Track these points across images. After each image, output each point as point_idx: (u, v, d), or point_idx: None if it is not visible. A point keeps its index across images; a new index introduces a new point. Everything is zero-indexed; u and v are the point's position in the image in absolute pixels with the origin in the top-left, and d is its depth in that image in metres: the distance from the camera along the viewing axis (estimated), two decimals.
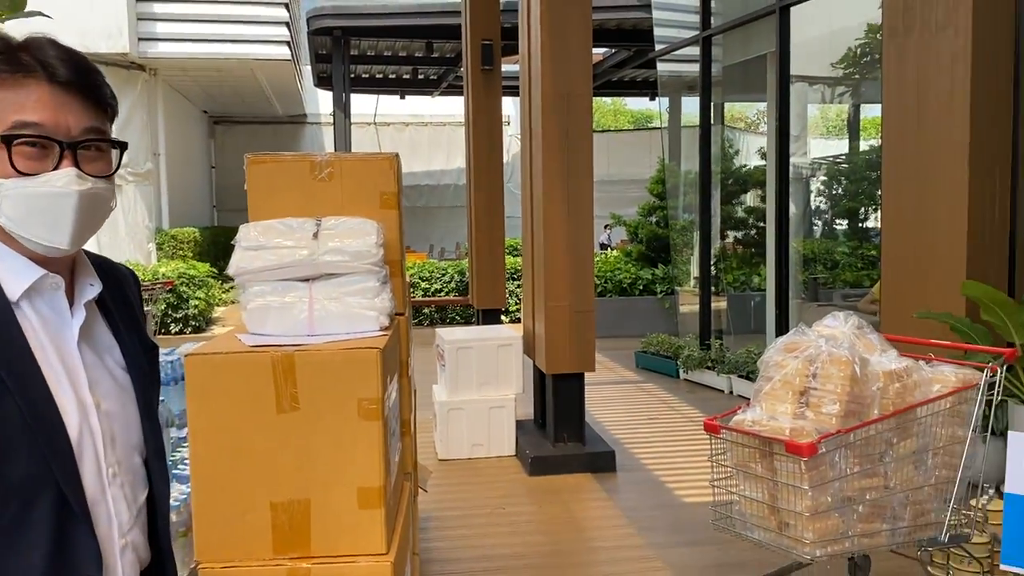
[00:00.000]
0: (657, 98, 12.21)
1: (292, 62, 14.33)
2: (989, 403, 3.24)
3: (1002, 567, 3.08)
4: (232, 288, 10.73)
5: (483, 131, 9.03)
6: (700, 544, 4.25)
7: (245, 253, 2.31)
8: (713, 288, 9.45)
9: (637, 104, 33.73)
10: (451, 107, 19.81)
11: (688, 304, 10.16)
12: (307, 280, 2.30)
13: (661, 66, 10.59)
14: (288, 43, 13.69)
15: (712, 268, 9.55)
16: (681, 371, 8.66)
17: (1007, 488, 3.04)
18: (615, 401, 7.69)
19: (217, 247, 15.28)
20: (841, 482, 3.03)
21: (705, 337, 8.90)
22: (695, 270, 9.46)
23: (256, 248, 2.31)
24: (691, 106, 9.48)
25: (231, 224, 14.20)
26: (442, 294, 12.93)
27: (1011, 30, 4.94)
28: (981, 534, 3.47)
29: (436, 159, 21.57)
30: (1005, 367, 3.26)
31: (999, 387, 3.22)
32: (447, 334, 6.17)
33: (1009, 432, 3.14)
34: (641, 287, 12.23)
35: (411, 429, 2.83)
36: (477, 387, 5.87)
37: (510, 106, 18.07)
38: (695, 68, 9.12)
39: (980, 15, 4.84)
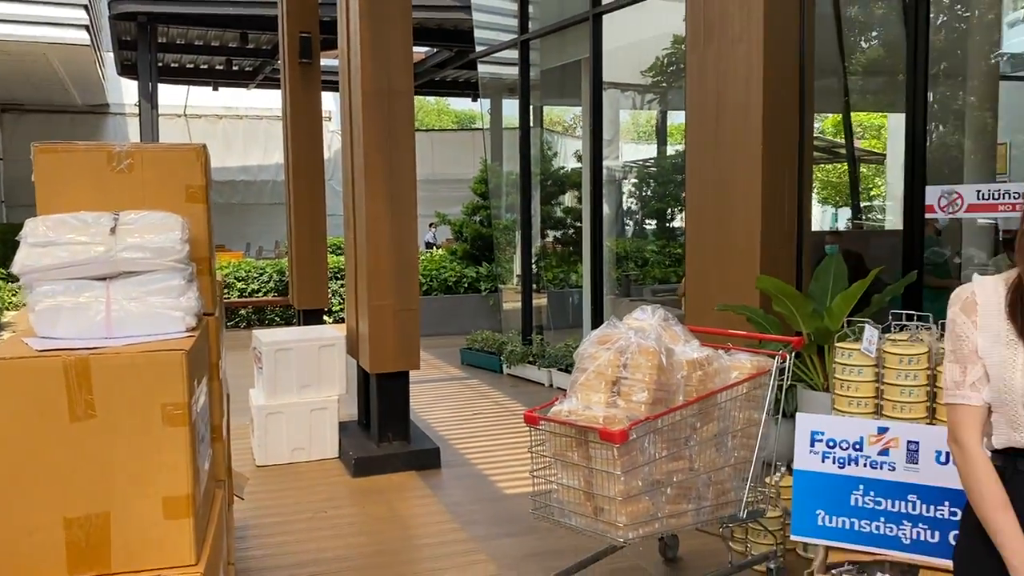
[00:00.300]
0: (479, 99, 12.36)
1: (92, 47, 13.30)
2: (781, 387, 3.54)
3: (792, 538, 3.37)
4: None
5: (302, 126, 8.79)
6: (522, 534, 4.35)
7: (32, 250, 2.13)
8: (535, 285, 9.70)
9: (461, 104, 34.00)
10: (269, 100, 19.12)
11: (511, 301, 10.37)
12: (104, 279, 2.14)
13: (482, 68, 10.74)
14: (87, 27, 12.69)
15: (533, 266, 9.80)
16: (505, 366, 8.82)
17: (795, 465, 3.33)
18: (441, 398, 7.72)
19: (7, 246, 13.93)
20: (651, 466, 3.20)
21: (527, 333, 9.12)
22: (518, 268, 9.67)
23: (45, 244, 2.13)
24: (512, 108, 9.67)
25: (23, 221, 13.02)
26: (260, 295, 12.46)
27: (797, 44, 5.39)
28: (775, 508, 3.77)
29: (253, 154, 20.75)
30: (793, 354, 3.56)
31: (788, 373, 3.51)
32: (265, 335, 5.95)
33: (797, 414, 3.44)
34: (466, 285, 12.34)
35: (223, 435, 2.71)
36: (298, 389, 5.70)
37: (332, 101, 17.69)
38: (515, 71, 9.31)
39: (771, 30, 5.25)
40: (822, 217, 21.26)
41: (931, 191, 5.13)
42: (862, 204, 15.13)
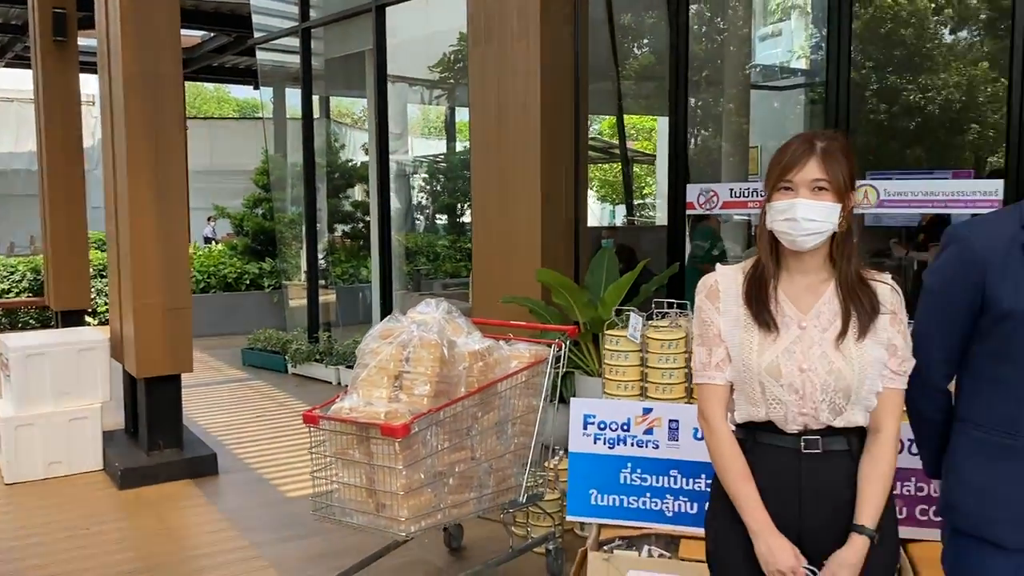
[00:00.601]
0: (260, 87, 11.85)
1: None
2: (558, 374, 3.68)
3: (568, 518, 3.52)
4: None
5: (56, 110, 8.01)
6: (305, 536, 4.23)
7: None
8: (323, 281, 9.47)
9: (243, 92, 32.48)
10: (21, 80, 17.29)
11: (297, 298, 10.06)
12: None
13: (261, 55, 10.31)
14: None
15: (322, 261, 9.56)
16: (290, 366, 8.54)
17: (570, 448, 3.47)
18: (219, 402, 7.35)
19: None
20: (433, 458, 3.21)
21: (313, 330, 8.88)
22: (304, 263, 9.39)
23: None
24: (297, 98, 9.36)
25: None
26: (11, 295, 11.26)
27: (572, 45, 5.62)
28: (554, 491, 3.91)
29: (3, 140, 18.71)
30: (569, 342, 3.72)
31: (564, 360, 3.66)
32: (14, 340, 5.37)
33: (571, 399, 3.59)
34: (248, 282, 11.83)
35: None
36: (54, 398, 5.20)
37: (96, 84, 16.29)
38: (297, 59, 9.02)
39: (548, 28, 5.44)
40: (601, 214, 22.40)
41: (692, 189, 5.54)
42: (635, 202, 16.12)
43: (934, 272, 1.91)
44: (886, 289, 1.89)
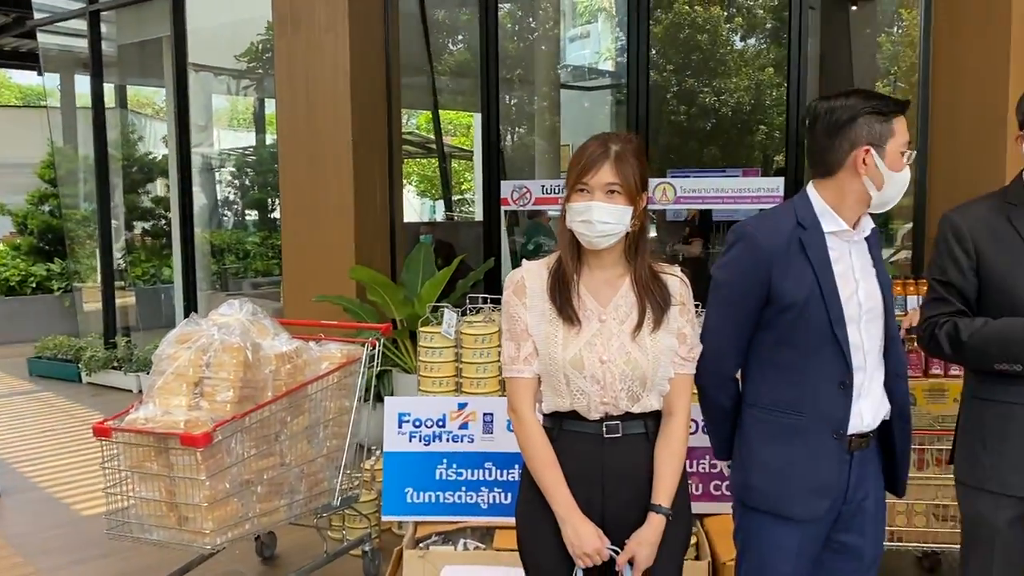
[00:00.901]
0: (44, 73, 10.86)
1: None
2: (375, 374, 3.62)
3: (384, 518, 3.48)
4: None
5: None
6: (104, 557, 3.94)
7: None
8: (120, 282, 8.82)
9: (26, 78, 29.68)
10: None
11: (92, 301, 9.33)
12: None
13: (44, 38, 9.47)
14: None
15: (119, 261, 8.91)
16: (84, 374, 7.91)
17: (385, 447, 3.43)
18: (1, 417, 6.69)
19: None
20: (239, 466, 3.07)
21: (110, 335, 8.27)
22: (99, 264, 8.71)
23: None
24: (88, 85, 8.65)
25: None
26: None
27: (383, 33, 5.55)
28: (370, 492, 3.86)
29: None
30: (384, 340, 3.67)
31: (378, 359, 3.60)
32: None
33: (385, 398, 3.55)
34: (34, 285, 10.86)
35: None
36: None
37: None
38: (85, 44, 8.34)
39: (356, 20, 5.34)
40: (422, 209, 22.35)
41: (506, 185, 5.63)
42: (455, 197, 16.22)
43: (724, 267, 2.03)
44: (676, 282, 1.99)
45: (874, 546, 2.09)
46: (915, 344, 2.62)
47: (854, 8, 9.83)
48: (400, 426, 3.36)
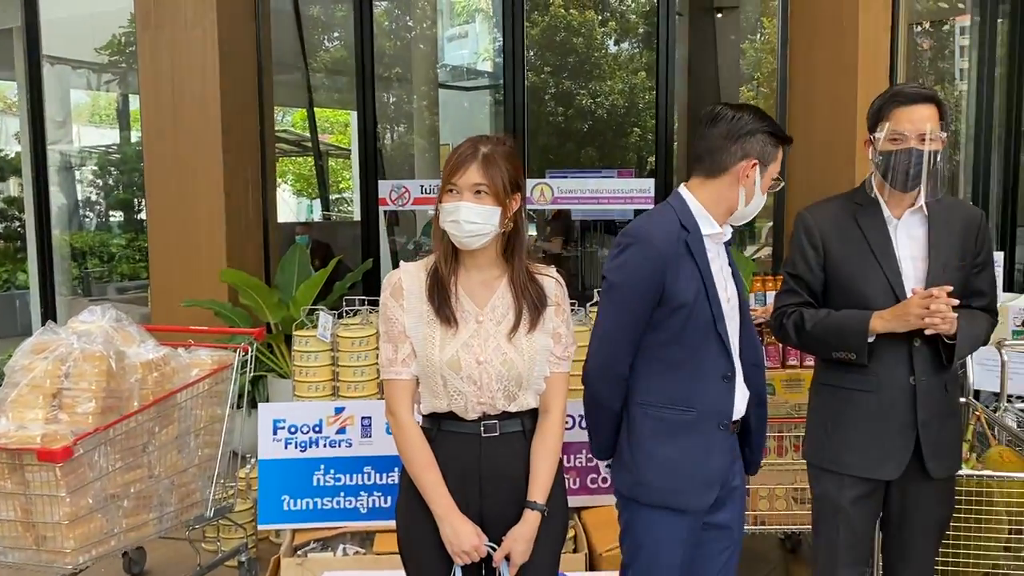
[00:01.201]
0: None
1: None
2: (248, 379, 3.52)
3: (260, 527, 3.39)
4: None
5: None
6: None
7: None
8: None
9: None
10: None
11: None
12: None
13: None
14: None
15: None
16: None
17: (260, 455, 3.35)
18: None
19: None
20: (103, 480, 2.92)
21: None
22: None
23: None
24: None
25: None
26: None
27: (254, 30, 5.40)
28: (245, 501, 3.75)
29: None
30: (255, 346, 3.57)
31: (251, 365, 3.50)
32: None
33: (259, 404, 3.46)
34: None
35: None
36: None
37: None
38: None
39: (225, 17, 5.18)
40: (298, 208, 21.84)
41: (384, 185, 5.58)
42: (332, 196, 15.95)
43: (618, 270, 2.06)
44: (551, 283, 2.03)
45: (740, 520, 2.22)
46: (772, 336, 2.78)
47: (719, 16, 10.28)
48: (275, 433, 3.28)
